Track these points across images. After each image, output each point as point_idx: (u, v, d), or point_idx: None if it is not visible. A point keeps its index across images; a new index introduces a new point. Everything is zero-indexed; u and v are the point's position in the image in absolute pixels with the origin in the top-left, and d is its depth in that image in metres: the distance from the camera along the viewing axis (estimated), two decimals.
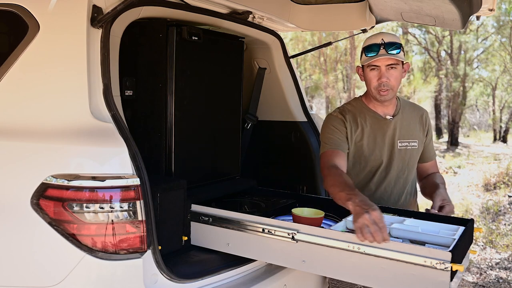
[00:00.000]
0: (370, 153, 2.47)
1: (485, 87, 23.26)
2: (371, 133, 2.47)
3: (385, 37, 2.34)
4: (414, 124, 2.54)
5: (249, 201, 2.60)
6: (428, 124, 2.59)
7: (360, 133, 2.46)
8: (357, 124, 2.47)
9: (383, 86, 2.34)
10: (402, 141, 2.49)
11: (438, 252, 1.71)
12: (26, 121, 1.87)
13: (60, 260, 1.70)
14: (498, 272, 4.87)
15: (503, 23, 18.71)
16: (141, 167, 1.79)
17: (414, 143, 2.52)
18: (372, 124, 2.47)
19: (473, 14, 2.39)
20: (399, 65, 2.36)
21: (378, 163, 2.48)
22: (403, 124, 2.50)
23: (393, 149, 2.48)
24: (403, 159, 2.50)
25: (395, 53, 2.31)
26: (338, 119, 2.47)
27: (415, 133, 2.53)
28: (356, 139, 2.46)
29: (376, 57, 2.31)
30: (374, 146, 2.47)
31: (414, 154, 2.53)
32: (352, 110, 2.51)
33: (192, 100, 2.53)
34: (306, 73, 20.17)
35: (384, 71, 2.33)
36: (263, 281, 2.20)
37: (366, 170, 2.50)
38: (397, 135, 2.48)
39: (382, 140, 2.48)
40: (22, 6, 2.00)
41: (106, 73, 1.89)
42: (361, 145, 2.47)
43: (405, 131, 2.50)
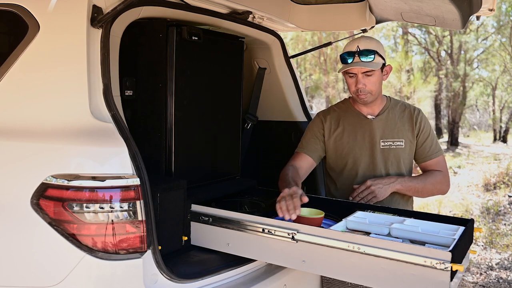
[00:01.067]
0: (349, 151, 2.57)
1: (485, 87, 23.26)
2: (351, 132, 2.57)
3: (361, 44, 2.40)
4: (402, 124, 2.57)
5: (249, 201, 2.60)
6: (420, 123, 2.59)
7: (341, 132, 2.59)
8: (338, 123, 2.61)
9: (360, 92, 2.44)
10: (385, 140, 2.54)
11: (438, 252, 1.71)
12: (26, 121, 1.87)
13: (60, 260, 1.70)
14: (498, 272, 4.87)
15: (503, 23, 18.71)
16: (141, 167, 1.79)
17: (399, 142, 2.55)
18: (354, 123, 2.58)
19: (473, 14, 2.39)
20: (376, 70, 2.42)
21: (359, 161, 2.55)
22: (388, 124, 2.55)
23: (375, 148, 2.53)
24: (386, 158, 2.54)
25: (368, 61, 2.38)
26: (318, 120, 2.68)
27: (401, 133, 2.56)
28: (337, 137, 2.60)
29: (350, 66, 2.40)
30: (354, 144, 2.56)
31: (400, 153, 2.56)
32: (337, 111, 2.67)
33: (192, 100, 2.53)
34: (306, 73, 20.17)
35: (361, 78, 2.42)
36: (263, 281, 2.20)
37: (348, 168, 2.59)
38: (379, 135, 2.54)
39: (362, 138, 2.55)
40: (22, 6, 2.00)
41: (106, 73, 1.89)
42: (341, 143, 2.59)
43: (389, 130, 2.55)
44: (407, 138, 2.57)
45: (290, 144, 3.14)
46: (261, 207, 2.45)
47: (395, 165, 2.56)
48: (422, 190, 2.53)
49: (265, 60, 3.15)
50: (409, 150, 2.58)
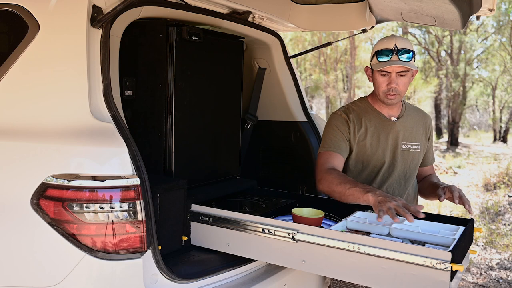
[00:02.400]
0: (373, 153, 2.49)
1: (485, 87, 23.28)
2: (374, 133, 2.49)
3: (398, 43, 2.33)
4: (418, 128, 2.57)
5: (249, 201, 2.60)
6: (430, 129, 2.64)
7: (363, 132, 2.49)
8: (360, 123, 2.49)
9: (391, 91, 2.37)
10: (405, 143, 2.52)
11: (438, 252, 1.71)
12: (26, 121, 1.87)
13: (60, 260, 1.70)
14: (498, 272, 4.88)
15: (503, 23, 18.72)
16: (141, 167, 1.79)
17: (416, 146, 2.55)
18: (377, 124, 2.50)
19: (473, 14, 2.39)
20: (409, 71, 2.37)
21: (380, 163, 2.50)
22: (407, 127, 2.53)
23: (397, 150, 2.50)
24: (406, 161, 2.52)
25: (407, 61, 2.32)
26: (341, 118, 2.49)
27: (418, 137, 2.56)
28: (360, 138, 2.48)
29: (388, 63, 2.32)
30: (377, 146, 2.49)
31: (416, 157, 2.56)
32: (356, 110, 2.53)
33: (192, 100, 2.53)
34: (306, 73, 20.18)
35: (394, 77, 2.35)
36: (263, 281, 2.20)
37: (368, 170, 2.51)
38: (401, 137, 2.51)
39: (385, 140, 2.49)
40: (22, 6, 2.00)
41: (106, 73, 1.89)
42: (364, 144, 2.48)
43: (408, 133, 2.53)
44: (422, 143, 2.58)
45: (290, 144, 3.14)
46: (261, 207, 2.45)
47: (413, 168, 2.55)
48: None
49: (265, 60, 3.15)
50: (422, 154, 2.60)
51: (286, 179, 3.15)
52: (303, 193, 3.04)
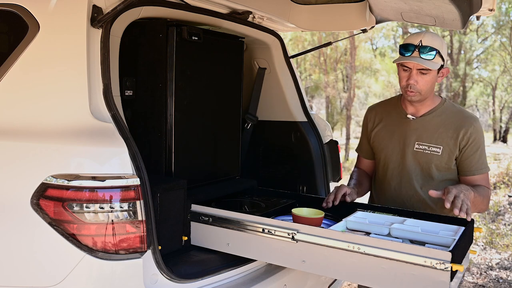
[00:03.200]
0: (383, 147, 2.53)
1: (485, 87, 23.28)
2: (390, 129, 2.52)
3: (424, 39, 2.27)
4: (445, 130, 2.39)
5: (249, 201, 2.60)
6: (469, 134, 2.35)
7: (382, 127, 2.56)
8: (381, 118, 2.58)
9: (410, 88, 2.32)
10: (421, 143, 2.40)
11: (438, 252, 1.71)
12: (26, 121, 1.87)
13: (60, 260, 1.70)
14: (498, 272, 4.88)
15: (503, 23, 18.73)
16: (141, 167, 1.79)
17: (436, 148, 2.38)
18: (395, 121, 2.51)
19: (473, 14, 2.39)
20: (432, 70, 2.29)
21: (389, 159, 2.50)
22: (429, 127, 2.41)
23: (407, 148, 2.43)
24: (416, 162, 2.41)
25: (427, 59, 2.25)
26: (365, 117, 2.71)
27: (441, 139, 2.38)
28: (377, 132, 2.59)
29: (407, 59, 2.28)
30: (389, 141, 2.50)
31: (433, 160, 2.38)
32: (386, 105, 2.64)
33: (192, 100, 2.53)
34: (306, 73, 20.18)
35: (414, 74, 2.29)
36: (263, 281, 2.20)
37: (381, 164, 2.57)
38: (415, 136, 2.42)
39: (398, 138, 2.47)
40: (22, 6, 2.00)
41: (106, 73, 1.89)
42: (378, 138, 2.57)
43: (428, 134, 2.40)
44: (447, 146, 2.37)
45: (290, 144, 3.14)
46: (261, 207, 2.45)
47: (426, 171, 2.41)
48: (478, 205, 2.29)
49: (265, 60, 3.15)
50: (447, 159, 2.38)
51: (286, 179, 3.15)
52: (303, 193, 3.04)
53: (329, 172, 3.08)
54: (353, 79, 16.76)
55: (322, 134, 3.13)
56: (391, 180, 2.50)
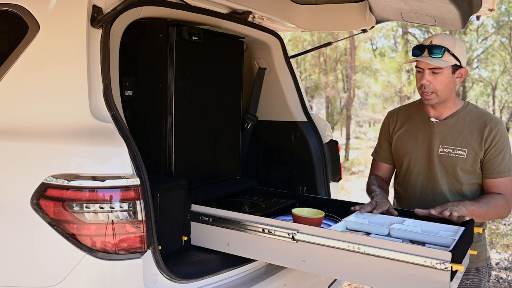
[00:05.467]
0: (407, 152, 2.49)
1: (485, 87, 23.28)
2: (413, 133, 2.49)
3: (435, 39, 2.28)
4: (470, 132, 2.36)
5: (249, 201, 2.60)
6: (494, 137, 2.33)
7: (404, 131, 2.53)
8: (403, 123, 2.55)
9: (424, 89, 2.31)
10: (445, 146, 2.38)
11: (438, 252, 1.71)
12: (26, 121, 1.87)
13: (60, 260, 1.70)
14: (498, 272, 4.87)
15: (503, 23, 18.73)
16: (141, 167, 1.79)
17: (461, 151, 2.35)
18: (417, 125, 2.48)
19: (473, 14, 2.39)
20: (444, 69, 2.27)
21: (414, 163, 2.46)
22: (453, 130, 2.38)
23: (432, 152, 2.40)
24: (441, 165, 2.38)
25: (436, 57, 2.25)
26: (386, 121, 2.66)
27: (466, 142, 2.35)
28: (399, 136, 2.55)
29: (416, 58, 2.30)
30: (412, 145, 2.48)
31: (459, 163, 2.35)
32: (407, 109, 2.61)
33: (192, 100, 2.53)
34: (306, 73, 20.17)
35: (427, 74, 2.28)
36: (263, 281, 2.20)
37: (404, 169, 2.51)
38: (439, 140, 2.39)
39: (422, 141, 2.45)
40: (22, 6, 2.00)
41: (106, 73, 1.89)
42: (401, 142, 2.53)
43: (452, 137, 2.37)
44: (472, 149, 2.34)
45: (290, 144, 3.14)
46: (261, 207, 2.45)
47: (451, 174, 2.37)
48: (484, 215, 2.27)
49: (265, 60, 3.15)
50: (473, 161, 2.34)
51: (286, 179, 3.15)
52: (303, 193, 3.04)
53: (329, 172, 3.08)
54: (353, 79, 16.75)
55: (322, 134, 3.13)
56: (416, 185, 2.46)
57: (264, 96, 3.22)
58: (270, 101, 3.22)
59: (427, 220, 2.17)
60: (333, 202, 2.69)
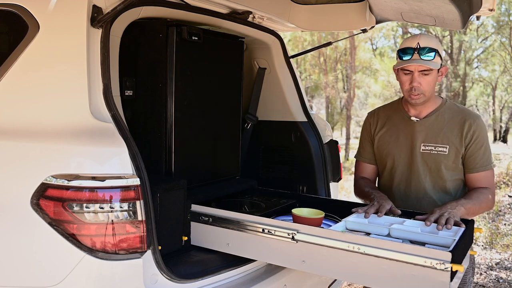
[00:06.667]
0: (389, 152, 2.51)
1: (485, 87, 23.28)
2: (394, 133, 2.51)
3: (421, 41, 2.30)
4: (450, 129, 2.40)
5: (249, 201, 2.60)
6: (473, 132, 2.37)
7: (386, 131, 2.54)
8: (384, 123, 2.57)
9: (414, 91, 2.33)
10: (427, 144, 2.41)
11: (438, 252, 1.71)
12: (26, 121, 1.87)
13: (60, 260, 1.70)
14: (498, 272, 4.88)
15: (503, 23, 18.73)
16: (141, 167, 1.79)
17: (442, 148, 2.39)
18: (398, 124, 2.50)
19: (473, 14, 2.39)
20: (434, 70, 2.32)
21: (397, 163, 2.48)
22: (433, 128, 2.42)
23: (414, 151, 2.43)
24: (424, 163, 2.42)
25: (428, 59, 2.28)
26: (367, 122, 2.68)
27: (447, 138, 2.39)
28: (381, 137, 2.56)
29: (408, 62, 2.29)
30: (395, 145, 2.50)
31: (441, 160, 2.39)
32: (387, 109, 2.62)
33: (192, 100, 2.53)
34: (306, 73, 20.17)
35: (417, 76, 2.31)
36: (263, 281, 2.20)
37: (387, 169, 2.53)
38: (420, 138, 2.42)
39: (404, 140, 2.47)
40: (22, 6, 2.00)
41: (106, 73, 1.89)
42: (383, 143, 2.54)
43: (433, 134, 2.41)
44: (453, 145, 2.38)
45: (290, 144, 3.14)
46: (261, 207, 2.45)
47: (435, 172, 2.41)
48: (477, 211, 2.31)
49: (265, 60, 3.15)
50: (454, 157, 2.39)
51: (286, 179, 3.15)
52: (303, 193, 3.04)
53: (329, 172, 3.08)
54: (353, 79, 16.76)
55: (322, 134, 3.13)
56: (400, 184, 2.48)
57: (264, 96, 3.22)
58: (270, 101, 3.22)
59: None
60: (333, 202, 2.69)
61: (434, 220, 2.07)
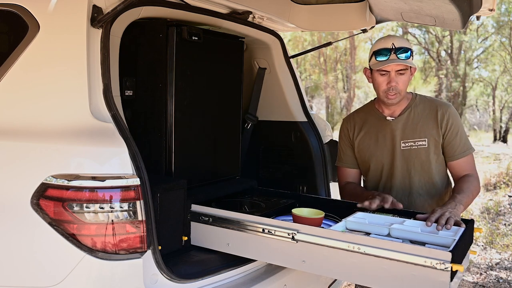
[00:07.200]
0: (372, 154, 2.53)
1: (485, 87, 23.27)
2: (373, 135, 2.53)
3: (395, 42, 2.34)
4: (425, 122, 2.45)
5: (249, 201, 2.60)
6: (447, 121, 2.43)
7: (363, 135, 2.56)
8: (361, 127, 2.58)
9: (391, 91, 2.37)
10: (406, 141, 2.46)
11: (438, 252, 1.71)
12: (26, 121, 1.87)
13: (60, 260, 1.70)
14: (498, 272, 4.87)
15: (503, 23, 18.73)
16: (141, 167, 1.79)
17: (422, 142, 2.44)
18: (375, 126, 2.53)
19: (473, 14, 2.39)
20: (408, 70, 2.37)
21: (380, 163, 2.51)
22: (409, 124, 2.46)
23: (395, 150, 2.47)
24: (407, 160, 2.45)
25: (405, 59, 2.33)
26: (343, 128, 2.66)
27: (424, 132, 2.44)
28: (360, 141, 2.57)
29: (386, 63, 2.32)
30: (375, 147, 2.52)
31: (423, 153, 2.44)
32: (361, 113, 2.64)
33: (192, 100, 2.53)
34: (306, 73, 20.17)
35: (394, 76, 2.35)
36: (263, 281, 2.20)
37: (372, 171, 2.55)
38: (399, 136, 2.46)
39: (383, 141, 2.50)
40: (22, 6, 2.00)
41: (106, 73, 1.89)
42: (363, 147, 2.55)
43: (410, 130, 2.45)
44: (431, 137, 2.44)
45: (290, 144, 3.14)
46: (261, 207, 2.45)
47: (419, 166, 2.45)
48: (470, 203, 2.34)
49: (265, 60, 3.15)
50: (435, 148, 2.45)
51: (286, 179, 3.15)
52: (303, 193, 3.04)
53: (329, 172, 3.08)
54: (353, 79, 16.76)
55: (322, 134, 3.14)
56: (386, 183, 2.51)
57: (264, 96, 3.22)
58: (270, 101, 3.22)
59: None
60: (333, 202, 2.69)
61: (435, 220, 2.07)
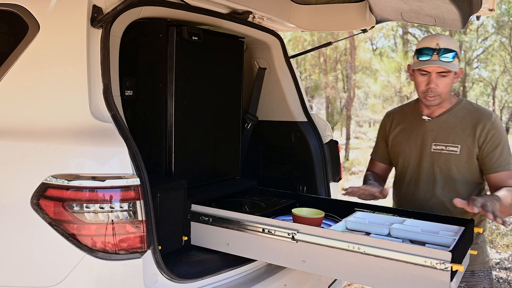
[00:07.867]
0: (401, 151, 2.52)
1: (485, 87, 23.27)
2: (407, 132, 2.51)
3: (440, 41, 2.26)
4: (462, 128, 2.35)
5: (249, 201, 2.60)
6: (487, 130, 2.30)
7: (399, 130, 2.56)
8: (398, 123, 2.58)
9: (430, 92, 2.29)
10: (437, 143, 2.38)
11: (438, 252, 1.71)
12: (26, 121, 1.87)
13: (60, 260, 1.70)
14: (498, 272, 4.87)
15: (503, 23, 18.72)
16: (141, 167, 1.79)
17: (453, 148, 2.34)
18: (411, 124, 2.51)
19: (473, 14, 2.39)
20: (452, 72, 2.28)
21: (407, 162, 2.49)
22: (445, 127, 2.38)
23: (424, 150, 2.41)
24: (435, 163, 2.37)
25: (447, 61, 2.24)
26: (383, 121, 2.69)
27: (458, 138, 2.34)
28: (394, 136, 2.58)
29: (427, 63, 2.25)
30: (406, 145, 2.50)
31: (452, 160, 2.34)
32: (404, 109, 2.63)
33: (192, 100, 2.53)
34: (306, 73, 20.17)
35: (434, 77, 2.27)
36: (263, 281, 2.20)
37: (399, 168, 2.55)
38: (432, 137, 2.39)
39: (415, 140, 2.46)
40: (22, 6, 2.00)
41: (106, 73, 1.89)
42: (395, 143, 2.56)
43: (444, 134, 2.37)
44: (465, 144, 2.32)
45: (290, 144, 3.14)
46: (261, 207, 2.45)
47: (445, 171, 2.35)
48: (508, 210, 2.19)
49: (265, 60, 3.15)
50: (467, 158, 2.32)
51: (286, 179, 3.15)
52: (303, 193, 3.04)
53: (329, 172, 3.08)
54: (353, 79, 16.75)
55: (322, 134, 3.13)
56: (409, 184, 2.47)
57: (264, 96, 3.22)
58: (270, 101, 3.22)
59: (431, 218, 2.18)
60: (333, 202, 2.69)
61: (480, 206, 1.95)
